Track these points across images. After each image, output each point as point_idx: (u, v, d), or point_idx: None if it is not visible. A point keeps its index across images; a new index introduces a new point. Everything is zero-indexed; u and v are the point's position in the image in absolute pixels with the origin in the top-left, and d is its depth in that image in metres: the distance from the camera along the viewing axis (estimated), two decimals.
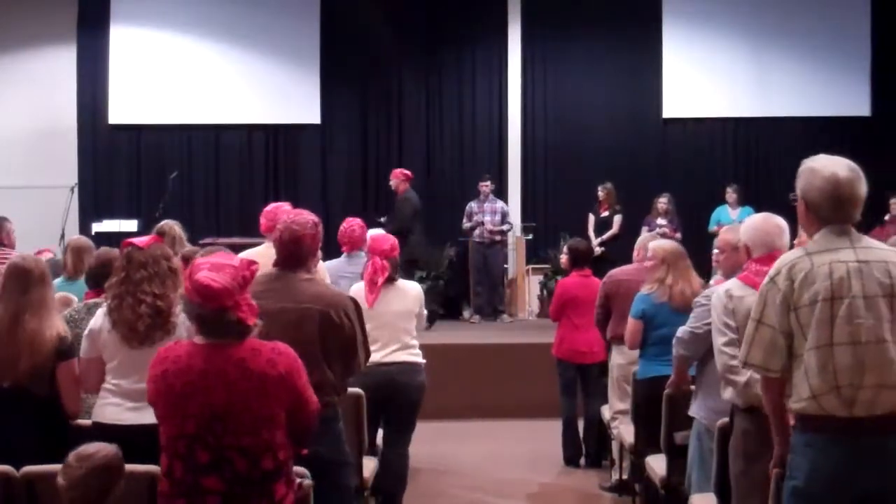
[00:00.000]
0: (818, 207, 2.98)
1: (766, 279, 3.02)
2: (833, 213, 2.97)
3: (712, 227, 10.75)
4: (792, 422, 3.04)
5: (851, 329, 2.86)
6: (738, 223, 8.61)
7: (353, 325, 3.84)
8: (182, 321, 3.77)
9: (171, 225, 5.89)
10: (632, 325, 5.36)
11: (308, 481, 3.17)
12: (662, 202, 10.87)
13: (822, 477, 2.88)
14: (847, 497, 2.88)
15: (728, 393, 3.71)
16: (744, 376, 3.55)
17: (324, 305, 3.74)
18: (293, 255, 3.77)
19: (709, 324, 4.21)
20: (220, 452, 2.82)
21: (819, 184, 2.97)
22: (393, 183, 10.46)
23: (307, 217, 3.84)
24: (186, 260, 5.34)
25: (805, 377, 2.90)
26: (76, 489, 2.95)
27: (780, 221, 3.83)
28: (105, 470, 2.97)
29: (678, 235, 10.03)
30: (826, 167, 3.00)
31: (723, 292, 3.70)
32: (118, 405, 3.74)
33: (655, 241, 5.70)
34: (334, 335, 3.75)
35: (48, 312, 3.86)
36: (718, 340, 3.66)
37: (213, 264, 2.89)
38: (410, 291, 5.34)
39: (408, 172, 10.52)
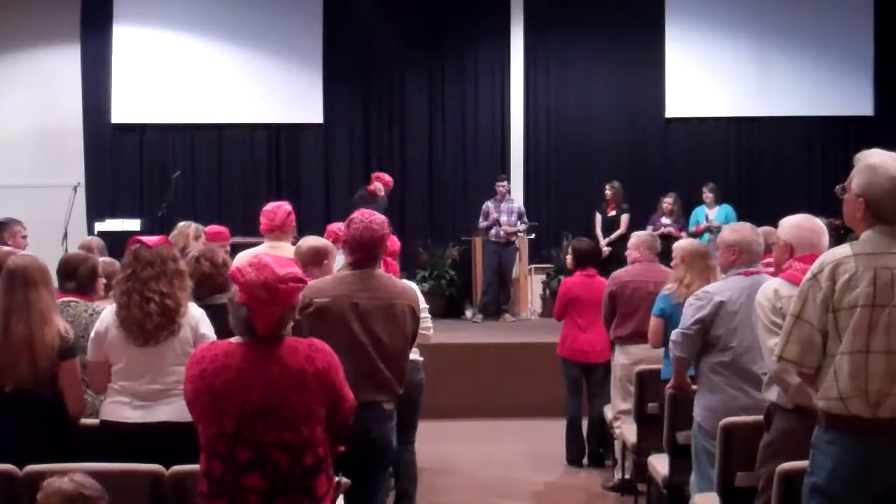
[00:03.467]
0: (880, 206, 2.93)
1: (808, 275, 2.99)
2: (895, 213, 2.92)
3: (691, 228, 10.77)
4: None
5: (889, 339, 2.84)
6: (720, 223, 8.63)
7: (427, 320, 4.05)
8: (187, 322, 3.78)
9: (190, 225, 5.95)
10: (653, 323, 5.38)
11: (346, 480, 3.18)
12: (668, 202, 10.86)
13: (843, 476, 2.87)
14: (866, 496, 2.87)
15: (772, 393, 3.64)
16: (797, 376, 3.51)
17: (409, 300, 3.92)
18: (372, 253, 3.87)
19: (697, 322, 4.24)
20: (262, 450, 2.81)
21: (883, 182, 2.92)
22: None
23: (380, 217, 3.94)
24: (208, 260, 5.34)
25: (834, 379, 2.89)
26: None
27: (821, 222, 3.83)
28: (78, 499, 2.87)
29: (683, 235, 10.02)
30: (890, 165, 2.93)
31: (771, 293, 3.63)
32: (126, 404, 3.74)
33: (679, 241, 5.71)
34: (413, 328, 3.92)
35: (46, 313, 3.81)
36: (770, 341, 3.53)
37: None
38: (409, 291, 5.40)
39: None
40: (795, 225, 3.81)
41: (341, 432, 3.02)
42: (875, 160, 2.96)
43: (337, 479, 3.05)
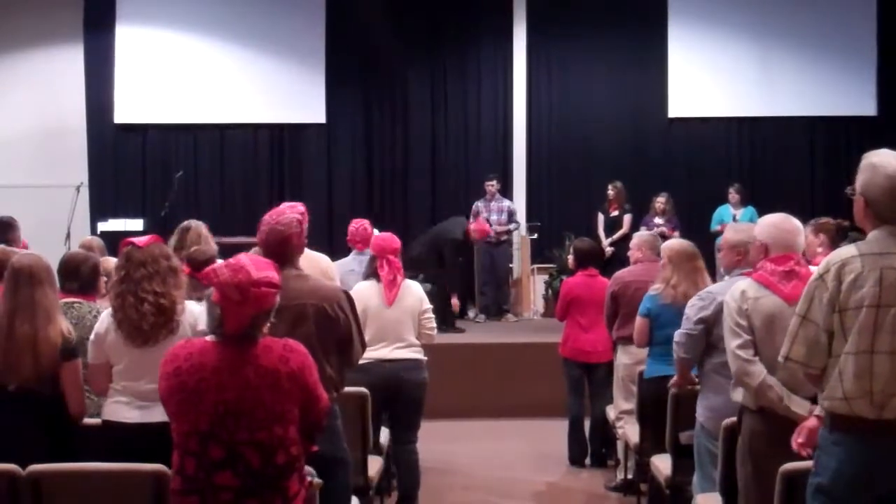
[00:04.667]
0: (878, 206, 2.92)
1: (815, 275, 2.98)
2: (893, 212, 2.91)
3: (714, 227, 10.76)
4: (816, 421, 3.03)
5: (894, 339, 2.83)
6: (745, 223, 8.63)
7: (348, 317, 3.89)
8: (186, 320, 3.78)
9: (198, 224, 5.95)
10: (639, 323, 5.41)
11: (317, 480, 3.18)
12: (660, 201, 10.86)
13: (847, 476, 2.87)
14: (870, 497, 2.87)
15: (738, 394, 3.67)
16: (758, 378, 3.52)
17: (318, 300, 3.79)
18: (281, 255, 3.77)
19: (700, 322, 4.25)
20: (234, 448, 2.82)
21: (881, 181, 2.91)
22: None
23: (290, 216, 3.87)
24: (198, 263, 5.35)
25: (839, 379, 2.88)
26: None
27: (798, 222, 3.82)
28: None
29: (676, 234, 10.01)
30: (889, 164, 2.93)
31: (738, 293, 3.65)
32: (127, 404, 3.74)
33: (667, 241, 5.70)
34: (330, 329, 3.79)
35: (51, 312, 3.81)
36: (732, 343, 3.61)
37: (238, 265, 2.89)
38: (415, 290, 5.41)
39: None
40: (770, 224, 3.80)
41: (314, 433, 3.03)
42: (876, 159, 2.96)
43: (310, 478, 3.06)
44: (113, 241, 6.51)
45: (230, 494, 2.82)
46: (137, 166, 12.45)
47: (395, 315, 5.25)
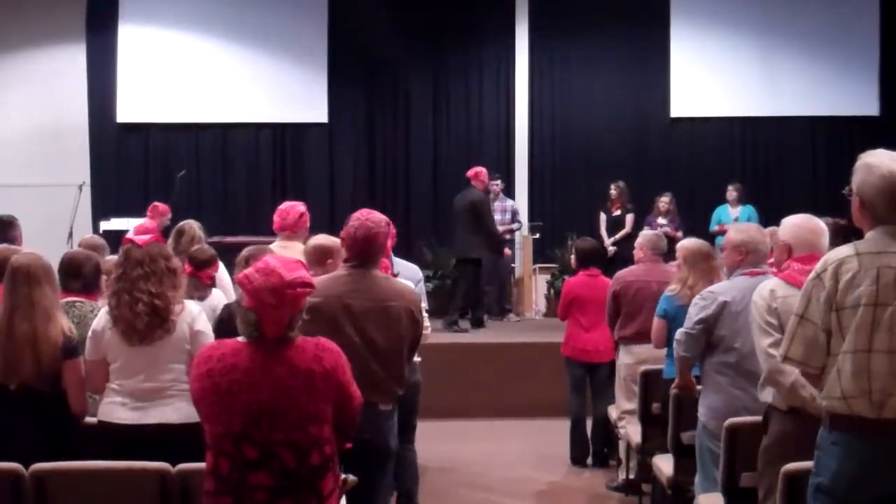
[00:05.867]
0: (873, 205, 2.92)
1: (812, 275, 2.98)
2: (888, 212, 2.90)
3: (713, 227, 10.74)
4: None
5: (891, 338, 2.83)
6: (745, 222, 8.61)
7: (422, 319, 3.97)
8: (183, 320, 3.77)
9: (191, 224, 5.97)
10: (656, 324, 5.38)
11: (352, 477, 3.18)
12: (664, 201, 10.85)
13: (847, 476, 2.87)
14: (870, 497, 2.87)
15: (767, 394, 3.66)
16: (790, 377, 3.50)
17: (406, 303, 3.85)
18: (367, 252, 3.82)
19: (700, 322, 4.25)
20: (269, 448, 2.81)
21: (875, 181, 2.91)
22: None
23: (380, 216, 3.90)
24: (199, 262, 5.37)
25: (837, 378, 2.88)
26: None
27: (821, 222, 3.82)
28: None
29: (679, 234, 10.00)
30: (883, 164, 2.92)
31: (767, 292, 3.64)
32: (123, 404, 3.74)
33: (682, 241, 5.70)
34: (413, 330, 3.87)
35: (50, 310, 3.80)
36: (763, 341, 3.59)
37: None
38: (408, 293, 5.37)
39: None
40: (794, 225, 3.81)
41: (348, 430, 3.03)
42: (871, 159, 2.96)
43: (343, 476, 3.05)
44: (117, 241, 6.52)
45: (265, 494, 2.81)
46: (140, 165, 12.47)
47: None
